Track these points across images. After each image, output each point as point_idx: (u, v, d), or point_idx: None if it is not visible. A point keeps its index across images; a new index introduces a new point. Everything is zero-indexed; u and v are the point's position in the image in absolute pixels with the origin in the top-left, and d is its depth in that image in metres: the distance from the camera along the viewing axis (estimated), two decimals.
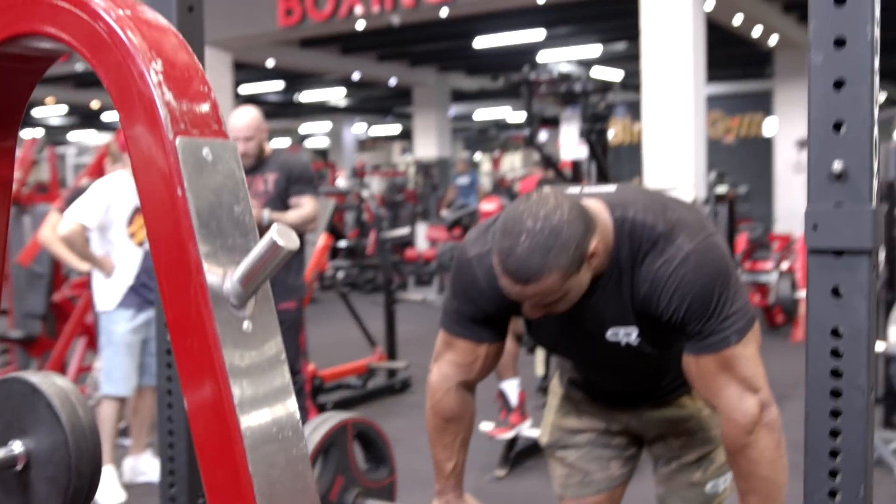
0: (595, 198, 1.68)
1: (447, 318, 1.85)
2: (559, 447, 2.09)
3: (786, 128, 12.50)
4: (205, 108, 0.77)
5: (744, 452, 1.62)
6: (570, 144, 4.75)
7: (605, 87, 4.63)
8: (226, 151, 0.77)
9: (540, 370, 4.46)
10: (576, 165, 4.91)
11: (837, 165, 1.06)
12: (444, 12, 9.65)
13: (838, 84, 1.06)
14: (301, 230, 4.01)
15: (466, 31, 12.30)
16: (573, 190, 1.73)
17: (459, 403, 1.87)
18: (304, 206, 4.00)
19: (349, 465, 2.55)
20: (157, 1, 1.61)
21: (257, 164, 4.05)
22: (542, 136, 17.66)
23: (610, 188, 1.75)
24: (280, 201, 4.01)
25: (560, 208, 1.53)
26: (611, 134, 4.97)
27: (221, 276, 0.72)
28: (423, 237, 12.84)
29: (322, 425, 2.50)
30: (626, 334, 1.70)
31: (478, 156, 25.64)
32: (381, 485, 2.61)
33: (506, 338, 1.86)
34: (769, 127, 13.88)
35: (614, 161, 8.01)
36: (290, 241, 0.71)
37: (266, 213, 3.84)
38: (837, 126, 1.06)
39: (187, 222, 0.72)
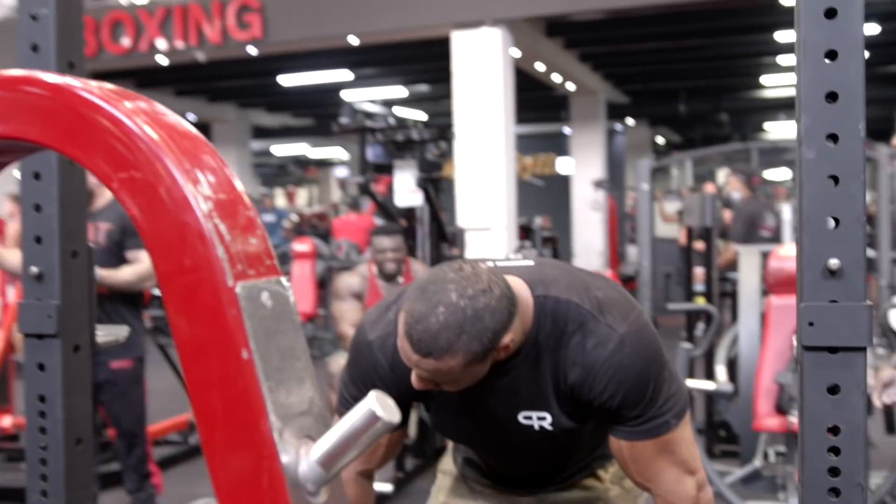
0: (513, 273, 1.55)
1: (342, 405, 1.69)
2: None
3: (581, 168, 13.16)
4: (256, 238, 0.62)
5: None
6: (406, 192, 4.70)
7: (441, 135, 4.62)
8: (281, 292, 0.63)
9: (411, 431, 4.32)
10: (410, 212, 4.85)
11: (833, 263, 1.05)
12: (252, 50, 9.41)
13: (834, 179, 1.05)
14: (137, 288, 3.68)
15: (272, 68, 12.06)
16: (487, 264, 1.62)
17: (358, 495, 1.75)
18: (142, 260, 3.64)
19: None
20: (34, 59, 1.39)
21: (95, 209, 3.63)
22: (342, 172, 17.52)
23: (527, 262, 1.62)
24: (110, 255, 3.61)
25: (490, 293, 1.41)
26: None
27: (296, 456, 0.58)
28: None
29: None
30: (540, 418, 1.58)
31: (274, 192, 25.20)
32: None
33: (407, 423, 1.72)
34: (564, 166, 14.56)
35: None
36: (390, 413, 0.58)
37: (96, 271, 3.43)
38: (834, 222, 1.05)
39: (256, 392, 0.57)
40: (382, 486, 4.21)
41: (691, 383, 3.98)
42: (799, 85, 1.08)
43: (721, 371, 4.15)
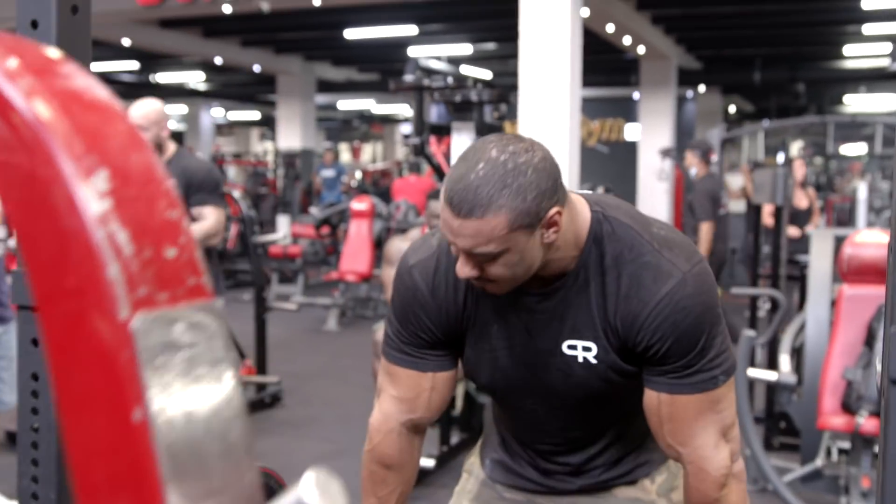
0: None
1: (387, 345, 1.58)
2: None
3: (648, 135, 12.78)
4: (176, 248, 0.46)
5: None
6: None
7: (500, 97, 4.42)
8: (208, 323, 0.47)
9: (457, 404, 4.17)
10: None
11: None
12: (316, 1, 9.25)
13: None
14: (205, 245, 3.60)
15: (336, 21, 11.89)
16: None
17: (402, 449, 1.60)
18: (208, 217, 3.57)
19: None
20: (31, 3, 1.25)
21: None
22: (407, 129, 17.55)
23: (586, 191, 1.51)
24: None
25: (532, 152, 1.30)
26: None
27: None
28: (286, 231, 12.34)
29: None
30: (586, 349, 1.43)
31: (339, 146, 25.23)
32: None
33: (456, 366, 1.58)
34: (631, 133, 14.18)
35: None
36: (332, 500, 0.42)
37: None
38: None
39: (149, 471, 0.41)
40: (424, 462, 4.10)
41: (752, 372, 3.76)
42: None
43: (785, 361, 3.92)
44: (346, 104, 22.00)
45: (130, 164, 0.45)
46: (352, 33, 12.46)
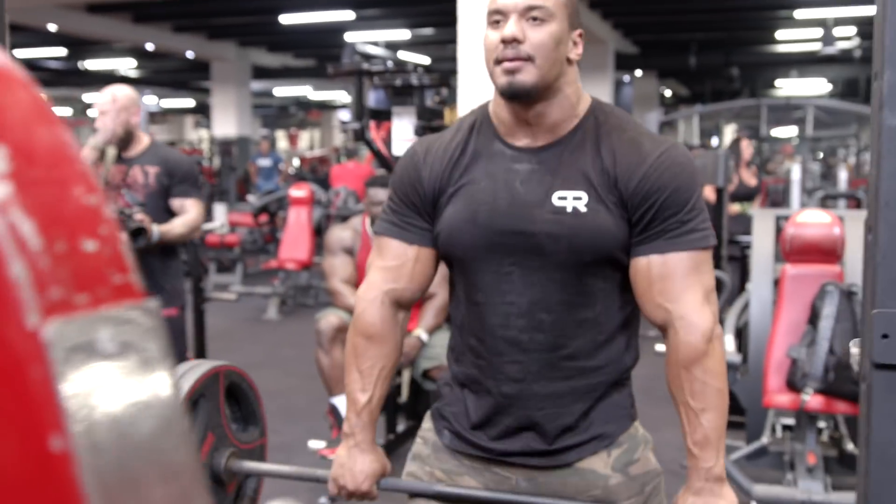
0: None
1: (380, 220, 1.68)
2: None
3: None
4: (96, 240, 0.39)
5: (701, 362, 1.46)
6: (403, 140, 4.44)
7: (441, 81, 4.35)
8: (141, 326, 0.39)
9: (403, 392, 4.10)
10: None
11: None
12: None
13: None
14: (188, 238, 3.63)
15: (272, 6, 11.66)
16: None
17: (385, 319, 1.64)
18: (189, 210, 3.59)
19: (220, 422, 1.99)
20: None
21: (134, 153, 3.62)
22: (345, 116, 17.32)
23: None
24: (160, 198, 3.57)
25: None
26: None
27: None
28: (223, 220, 12.10)
29: (190, 372, 1.93)
30: (576, 198, 1.50)
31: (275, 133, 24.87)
32: (252, 446, 2.09)
33: (437, 253, 1.64)
34: None
35: None
36: None
37: (156, 230, 3.36)
38: None
39: (76, 502, 0.34)
40: None
41: None
42: (880, 33, 0.84)
43: (729, 340, 3.94)
44: (283, 91, 21.68)
45: (36, 140, 0.37)
46: (287, 18, 12.23)
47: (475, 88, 8.03)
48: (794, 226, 3.67)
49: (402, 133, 4.46)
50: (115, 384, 0.36)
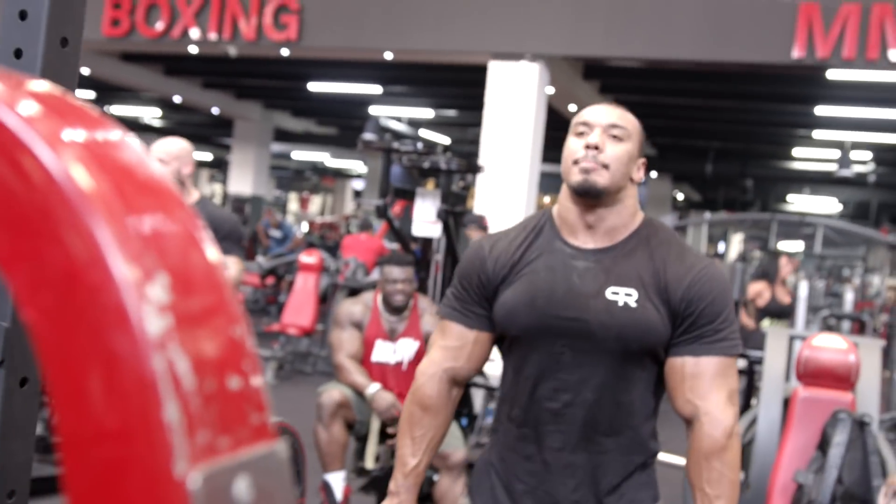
0: None
1: (444, 305, 1.88)
2: None
3: None
4: (239, 379, 0.37)
5: (720, 455, 1.64)
6: (424, 221, 4.45)
7: (469, 167, 4.38)
8: (274, 470, 0.37)
9: (370, 463, 4.05)
10: (425, 242, 4.60)
11: None
12: (284, 52, 9.21)
13: None
14: None
15: (302, 72, 11.88)
16: None
17: (440, 394, 1.83)
18: (231, 267, 3.60)
19: None
20: (16, 30, 1.14)
21: None
22: (359, 185, 17.48)
23: None
24: None
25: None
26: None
27: None
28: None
29: None
30: (627, 294, 1.70)
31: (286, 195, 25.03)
32: None
33: (494, 337, 1.83)
34: None
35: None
36: None
37: None
38: None
39: None
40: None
41: None
42: None
43: None
44: (301, 154, 21.92)
45: (191, 266, 0.36)
46: (315, 86, 12.45)
47: (495, 175, 8.12)
48: (809, 348, 3.64)
49: (424, 214, 4.47)
50: None
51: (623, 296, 1.69)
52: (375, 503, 4.11)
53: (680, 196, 20.46)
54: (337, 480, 3.96)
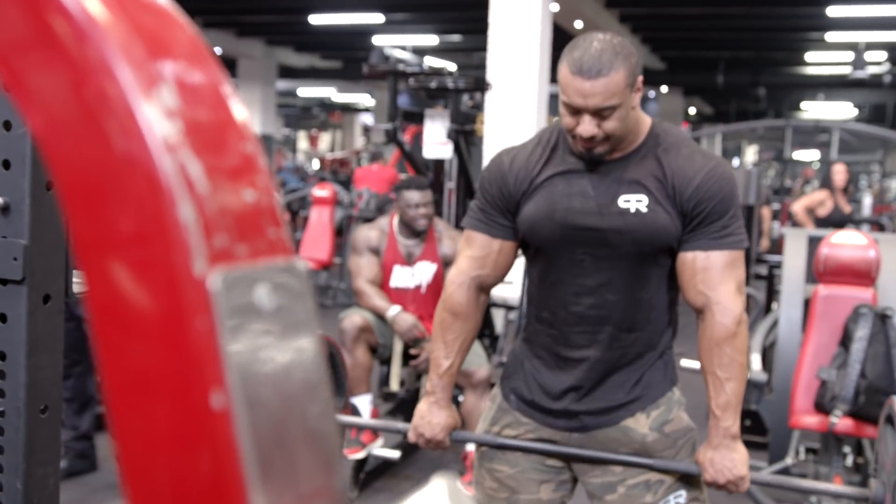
0: None
1: (468, 216, 1.95)
2: (492, 458, 2.01)
3: None
4: (256, 190, 0.37)
5: (731, 341, 1.75)
6: (435, 143, 4.42)
7: (477, 85, 4.32)
8: (294, 285, 0.37)
9: (395, 385, 4.11)
10: (437, 165, 4.57)
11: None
12: None
13: None
14: None
15: (301, 5, 11.70)
16: None
17: (469, 300, 1.93)
18: None
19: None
20: None
21: None
22: (368, 119, 17.42)
23: None
24: None
25: (622, 37, 1.74)
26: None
27: None
28: None
29: None
30: (638, 201, 1.78)
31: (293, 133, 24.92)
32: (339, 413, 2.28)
33: (517, 245, 1.92)
34: None
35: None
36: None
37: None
38: None
39: (233, 472, 0.32)
40: (389, 453, 4.01)
41: None
42: None
43: (756, 359, 3.89)
44: (307, 91, 21.75)
45: (198, 79, 0.35)
46: (316, 19, 12.28)
47: (503, 98, 8.03)
48: (828, 246, 3.62)
49: (434, 136, 4.44)
50: (269, 343, 0.34)
51: (634, 202, 1.78)
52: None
53: (692, 110, 20.22)
54: (364, 403, 4.01)
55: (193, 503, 0.31)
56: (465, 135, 4.41)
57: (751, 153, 25.34)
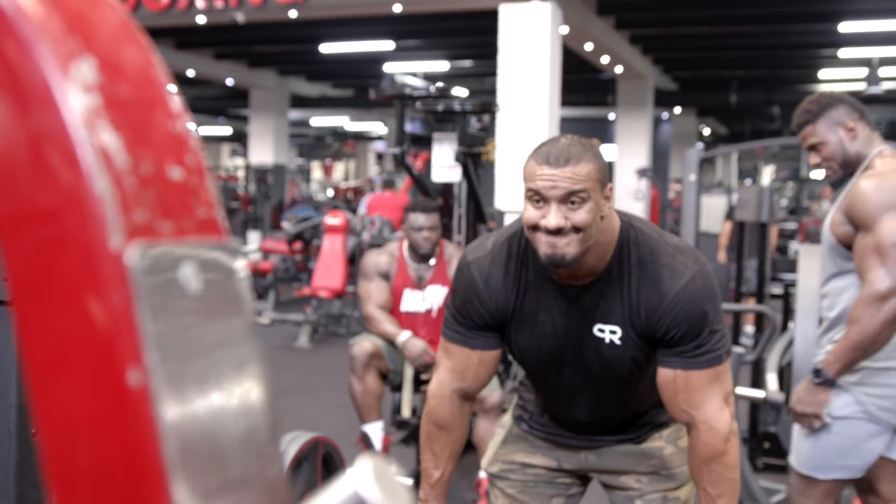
0: None
1: (446, 324, 1.92)
2: (502, 479, 2.08)
3: (625, 155, 12.79)
4: (182, 169, 0.36)
5: (720, 459, 1.74)
6: (443, 166, 4.42)
7: (484, 107, 4.33)
8: (223, 264, 0.36)
9: (406, 412, 4.08)
10: (447, 189, 4.57)
11: None
12: (292, 13, 9.15)
13: None
14: None
15: (312, 34, 11.80)
16: None
17: (453, 412, 1.93)
18: None
19: (317, 484, 2.36)
20: None
21: None
22: (380, 146, 17.43)
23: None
24: None
25: (591, 142, 1.68)
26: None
27: None
28: (256, 246, 12.17)
29: (296, 440, 2.37)
30: (612, 332, 1.76)
31: (306, 162, 25.05)
32: None
33: (500, 348, 1.91)
34: (607, 153, 14.18)
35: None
36: (391, 495, 0.32)
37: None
38: None
39: (151, 451, 0.31)
40: (402, 480, 3.97)
41: (739, 391, 3.68)
42: None
43: (772, 379, 3.84)
44: (320, 121, 21.89)
45: (124, 57, 0.34)
46: (327, 47, 12.38)
47: (514, 121, 8.05)
48: None
49: (443, 159, 4.44)
50: (195, 322, 0.33)
51: (608, 333, 1.77)
52: (416, 454, 4.15)
53: (706, 131, 20.19)
54: (375, 431, 3.98)
55: (113, 482, 0.30)
56: (474, 157, 4.41)
57: (767, 174, 25.24)
